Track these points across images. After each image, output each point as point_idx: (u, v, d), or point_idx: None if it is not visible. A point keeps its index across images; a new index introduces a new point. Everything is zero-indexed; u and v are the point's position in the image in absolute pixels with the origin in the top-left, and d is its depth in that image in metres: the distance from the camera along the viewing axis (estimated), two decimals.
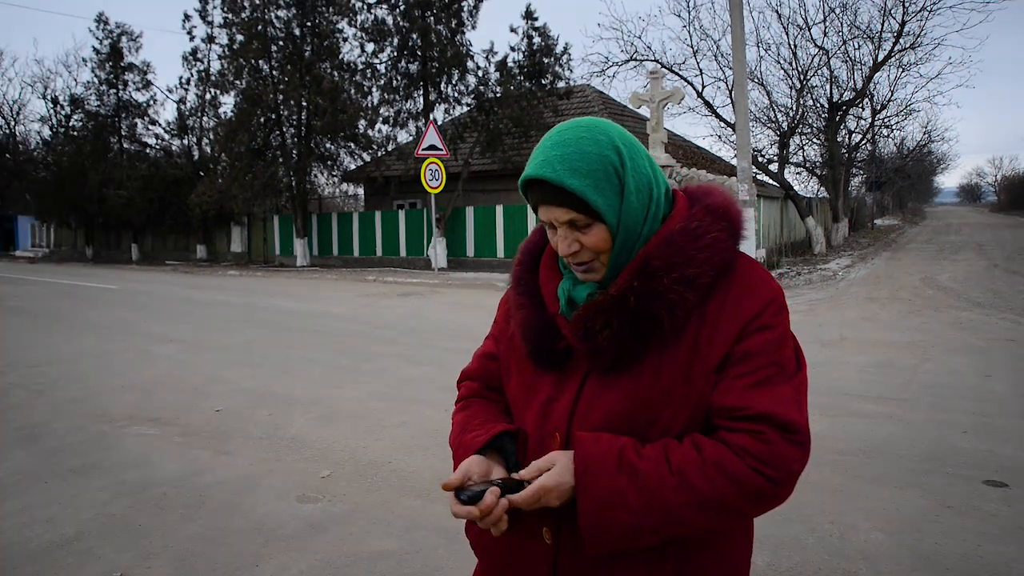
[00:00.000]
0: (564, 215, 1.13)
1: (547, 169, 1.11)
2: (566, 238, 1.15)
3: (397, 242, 22.34)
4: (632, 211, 1.14)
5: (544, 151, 1.14)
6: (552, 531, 1.20)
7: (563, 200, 1.12)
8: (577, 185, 1.10)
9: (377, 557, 3.20)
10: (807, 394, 1.16)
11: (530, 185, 1.15)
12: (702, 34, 36.05)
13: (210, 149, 27.17)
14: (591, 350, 1.14)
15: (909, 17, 21.54)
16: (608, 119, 1.20)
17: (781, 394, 1.11)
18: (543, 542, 1.21)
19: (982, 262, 17.39)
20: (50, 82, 49.42)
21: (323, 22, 21.83)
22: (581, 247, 1.15)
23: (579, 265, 1.18)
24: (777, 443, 1.08)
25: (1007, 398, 5.55)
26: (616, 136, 1.15)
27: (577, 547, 1.16)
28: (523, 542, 1.23)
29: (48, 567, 3.15)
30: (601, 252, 1.16)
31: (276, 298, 14.10)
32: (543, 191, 1.13)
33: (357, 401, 5.89)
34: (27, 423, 5.40)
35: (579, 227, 1.14)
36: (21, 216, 40.16)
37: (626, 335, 1.12)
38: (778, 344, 1.14)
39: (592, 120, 1.17)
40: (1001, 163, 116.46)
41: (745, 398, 1.10)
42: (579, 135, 1.14)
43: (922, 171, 52.37)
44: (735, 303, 1.14)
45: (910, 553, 3.11)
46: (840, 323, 9.23)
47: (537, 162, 1.13)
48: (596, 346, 1.14)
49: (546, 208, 1.15)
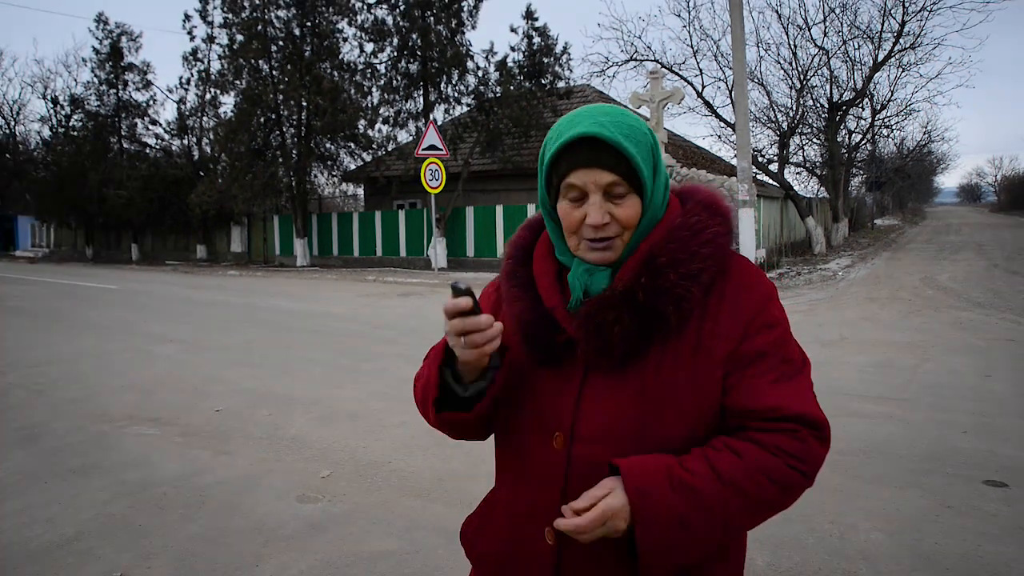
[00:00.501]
0: (608, 177, 1.10)
1: (603, 129, 1.09)
2: (600, 207, 1.11)
3: (397, 242, 22.34)
4: (659, 192, 1.16)
5: (592, 116, 1.12)
6: (555, 531, 1.16)
7: (611, 163, 1.10)
8: (632, 150, 1.09)
9: (377, 557, 3.20)
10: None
11: (572, 148, 1.10)
12: (702, 34, 36.07)
13: (210, 149, 27.16)
14: (600, 346, 1.12)
15: (909, 17, 21.55)
16: None
17: (805, 393, 1.15)
18: (544, 543, 1.18)
19: (982, 262, 17.39)
20: (50, 82, 49.40)
21: (323, 22, 21.83)
22: (611, 219, 1.12)
23: (599, 241, 1.13)
24: (809, 441, 1.12)
25: (1007, 398, 5.55)
26: (645, 123, 1.17)
27: (581, 549, 1.14)
28: (523, 542, 1.21)
29: (48, 567, 3.15)
30: (627, 228, 1.14)
31: (276, 298, 14.10)
32: (590, 152, 1.10)
33: (357, 401, 5.89)
34: (27, 423, 5.40)
35: (616, 196, 1.12)
36: (21, 216, 40.15)
37: (635, 331, 1.11)
38: (784, 341, 1.16)
39: (622, 108, 1.18)
40: (1001, 163, 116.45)
41: (775, 399, 1.11)
42: (622, 111, 1.14)
43: (922, 171, 52.37)
44: (734, 298, 1.15)
45: (910, 553, 3.11)
46: (840, 323, 9.24)
47: (588, 123, 1.10)
48: (606, 343, 1.11)
49: (587, 171, 1.10)
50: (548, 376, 1.19)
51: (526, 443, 1.21)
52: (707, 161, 22.86)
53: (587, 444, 1.14)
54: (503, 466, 1.30)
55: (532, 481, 1.20)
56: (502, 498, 1.29)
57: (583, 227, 1.13)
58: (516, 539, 1.22)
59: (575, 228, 1.14)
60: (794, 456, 1.10)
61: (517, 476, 1.24)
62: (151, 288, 16.88)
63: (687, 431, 1.13)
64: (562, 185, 1.13)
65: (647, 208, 1.14)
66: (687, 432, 1.13)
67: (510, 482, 1.27)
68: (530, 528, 1.20)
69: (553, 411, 1.17)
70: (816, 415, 1.13)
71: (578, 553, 1.16)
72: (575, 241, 1.16)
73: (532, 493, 1.20)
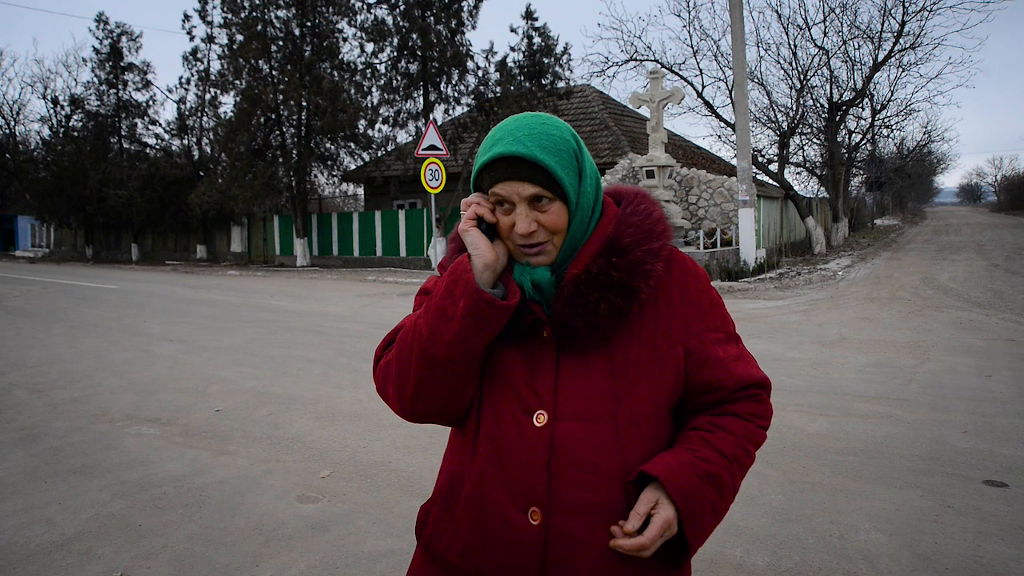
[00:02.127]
0: (530, 189, 1.16)
1: (519, 146, 1.15)
2: (526, 216, 1.17)
3: (397, 242, 22.34)
4: (587, 195, 1.22)
5: (509, 133, 1.18)
6: (543, 511, 1.18)
7: (531, 176, 1.16)
8: (549, 161, 1.15)
9: (377, 557, 3.20)
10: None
11: (493, 166, 1.18)
12: (702, 34, 36.20)
13: (210, 149, 27.19)
14: (587, 325, 1.18)
15: (909, 17, 21.57)
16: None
17: (754, 361, 1.35)
18: (528, 523, 1.18)
19: (982, 262, 17.39)
20: (50, 82, 49.52)
21: (323, 22, 21.84)
22: (539, 227, 1.18)
23: (531, 247, 1.20)
24: (766, 400, 1.34)
25: (1007, 398, 5.55)
26: (569, 128, 1.23)
27: (570, 528, 1.17)
28: (502, 526, 1.20)
29: (48, 567, 3.15)
30: (556, 233, 1.20)
31: (276, 298, 14.10)
32: (510, 168, 1.16)
33: (357, 401, 5.89)
34: (27, 423, 5.40)
35: (541, 205, 1.17)
36: (21, 216, 40.17)
37: (620, 309, 1.19)
38: (726, 318, 1.33)
39: (545, 114, 1.24)
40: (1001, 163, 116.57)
41: (740, 373, 1.29)
42: (541, 121, 1.20)
43: (922, 171, 52.35)
44: (681, 281, 1.27)
45: (910, 553, 3.11)
46: (840, 323, 9.23)
47: (506, 142, 1.16)
48: (594, 322, 1.18)
49: (509, 184, 1.17)
50: (518, 358, 1.23)
51: (504, 423, 1.22)
52: (707, 161, 22.85)
53: (569, 422, 1.19)
54: (471, 452, 1.26)
55: (513, 462, 1.20)
56: (470, 483, 1.25)
57: (513, 234, 1.20)
58: (493, 524, 1.20)
59: (507, 234, 1.21)
60: (761, 416, 1.32)
61: (493, 458, 1.22)
62: (151, 288, 16.88)
63: (654, 406, 1.23)
64: (491, 194, 1.20)
65: (575, 212, 1.20)
66: (654, 408, 1.23)
67: (483, 466, 1.23)
68: (510, 510, 1.19)
69: (533, 391, 1.21)
70: (765, 377, 1.34)
71: (567, 532, 1.17)
72: (511, 244, 1.22)
73: (513, 474, 1.20)
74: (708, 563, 3.05)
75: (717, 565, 3.04)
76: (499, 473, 1.21)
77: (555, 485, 1.18)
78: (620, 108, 24.60)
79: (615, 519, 1.17)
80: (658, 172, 16.68)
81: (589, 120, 22.82)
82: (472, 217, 1.20)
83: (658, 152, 16.83)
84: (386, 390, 1.29)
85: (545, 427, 1.19)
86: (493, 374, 1.24)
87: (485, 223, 1.20)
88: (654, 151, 16.89)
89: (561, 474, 1.18)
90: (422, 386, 1.22)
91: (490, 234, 1.20)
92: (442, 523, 1.29)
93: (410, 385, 1.23)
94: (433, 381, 1.21)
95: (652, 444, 1.23)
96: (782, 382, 6.12)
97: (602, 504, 1.18)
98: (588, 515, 1.17)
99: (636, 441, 1.21)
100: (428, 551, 1.31)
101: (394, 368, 1.26)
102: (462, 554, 1.24)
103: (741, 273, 15.18)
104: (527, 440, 1.19)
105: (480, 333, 1.17)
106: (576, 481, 1.18)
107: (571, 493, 1.18)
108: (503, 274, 1.22)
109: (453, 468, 1.31)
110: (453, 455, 1.32)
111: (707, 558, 3.08)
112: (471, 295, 1.14)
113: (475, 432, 1.26)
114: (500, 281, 1.21)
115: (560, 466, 1.18)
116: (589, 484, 1.18)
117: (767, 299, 12.18)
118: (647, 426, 1.22)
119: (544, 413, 1.19)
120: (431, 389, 1.22)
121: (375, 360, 1.34)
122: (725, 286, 13.48)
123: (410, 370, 1.22)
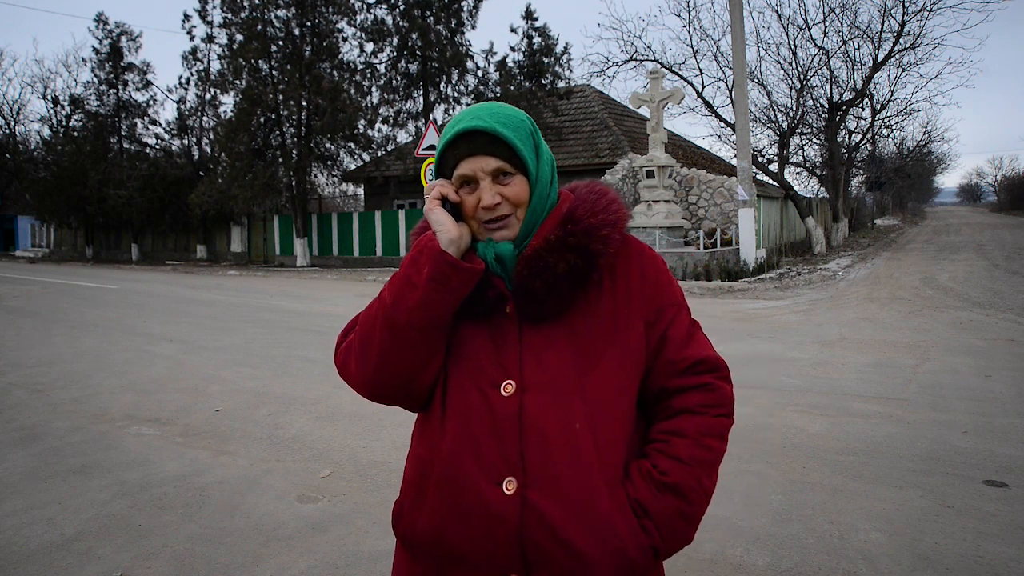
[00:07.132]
0: (493, 163, 1.22)
1: (480, 122, 1.21)
2: (490, 190, 1.22)
3: (397, 242, 22.34)
4: (544, 174, 1.28)
5: (469, 113, 1.24)
6: (520, 484, 1.17)
7: (493, 151, 1.22)
8: (509, 135, 1.21)
9: (377, 557, 3.20)
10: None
11: (456, 144, 1.23)
12: (702, 34, 36.20)
13: (210, 149, 27.19)
14: (544, 287, 1.20)
15: (909, 17, 21.59)
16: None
17: (705, 341, 1.34)
18: (502, 495, 1.18)
19: (982, 262, 17.39)
20: (50, 82, 49.56)
21: (323, 22, 21.85)
22: (503, 200, 1.23)
23: (495, 221, 1.24)
24: (719, 386, 1.30)
25: (1007, 398, 5.55)
26: (525, 114, 1.30)
27: (547, 496, 1.16)
28: (475, 501, 1.19)
29: (48, 567, 3.15)
30: (519, 205, 1.24)
31: (276, 298, 14.10)
32: (472, 145, 1.22)
33: (357, 401, 5.89)
34: (27, 423, 5.40)
35: (503, 179, 1.23)
36: (21, 216, 40.15)
37: (577, 271, 1.22)
38: (681, 295, 1.35)
39: (500, 102, 1.32)
40: (1001, 163, 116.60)
41: (690, 353, 1.29)
42: (500, 104, 1.28)
43: (922, 171, 52.37)
44: (639, 262, 1.30)
45: (910, 553, 3.11)
46: (840, 323, 9.24)
47: (466, 120, 1.22)
48: (551, 284, 1.20)
49: (473, 159, 1.22)
50: (484, 336, 1.25)
51: (470, 399, 1.22)
52: (707, 161, 22.84)
53: (536, 392, 1.20)
54: (439, 432, 1.25)
55: (483, 433, 1.20)
56: (440, 464, 1.24)
57: (479, 210, 1.23)
58: (467, 501, 1.19)
59: (472, 213, 1.24)
60: (716, 405, 1.29)
61: (463, 433, 1.21)
62: (151, 288, 16.88)
63: (619, 387, 1.25)
64: (454, 177, 1.25)
65: (535, 186, 1.25)
66: (619, 388, 1.25)
67: (453, 443, 1.22)
68: (483, 484, 1.18)
69: (499, 364, 1.22)
70: (718, 357, 1.33)
71: (542, 502, 1.16)
72: (475, 225, 1.26)
73: (485, 446, 1.19)
74: (708, 563, 3.05)
75: (717, 565, 3.04)
76: (470, 447, 1.20)
77: (528, 453, 1.18)
78: (620, 108, 24.59)
79: (590, 487, 1.18)
80: (658, 172, 16.68)
81: (589, 120, 22.80)
82: (437, 197, 1.23)
83: (658, 152, 16.83)
84: (347, 366, 1.31)
85: (513, 396, 1.20)
86: (459, 355, 1.26)
87: (449, 203, 1.24)
88: (654, 151, 16.89)
89: (533, 442, 1.18)
90: (386, 356, 1.23)
91: (455, 215, 1.24)
92: (415, 511, 1.28)
93: (373, 355, 1.24)
94: (397, 351, 1.22)
95: (622, 429, 1.25)
96: (782, 382, 6.12)
97: (578, 470, 1.18)
98: (563, 483, 1.17)
99: (607, 423, 1.22)
100: (407, 544, 1.30)
101: (357, 343, 1.28)
102: (438, 540, 1.23)
103: (741, 273, 15.18)
104: (496, 411, 1.20)
105: (444, 298, 1.19)
106: (548, 449, 1.18)
107: (544, 461, 1.18)
108: (467, 254, 1.24)
109: (420, 455, 1.29)
110: (420, 443, 1.31)
111: (707, 558, 3.08)
112: (435, 259, 1.18)
113: (441, 411, 1.25)
114: (464, 259, 1.23)
115: (531, 434, 1.18)
116: (562, 451, 1.18)
117: (767, 299, 12.18)
118: (615, 408, 1.24)
119: (512, 383, 1.21)
120: (396, 359, 1.22)
121: (336, 344, 1.38)
122: (725, 286, 13.48)
123: (373, 340, 1.24)
